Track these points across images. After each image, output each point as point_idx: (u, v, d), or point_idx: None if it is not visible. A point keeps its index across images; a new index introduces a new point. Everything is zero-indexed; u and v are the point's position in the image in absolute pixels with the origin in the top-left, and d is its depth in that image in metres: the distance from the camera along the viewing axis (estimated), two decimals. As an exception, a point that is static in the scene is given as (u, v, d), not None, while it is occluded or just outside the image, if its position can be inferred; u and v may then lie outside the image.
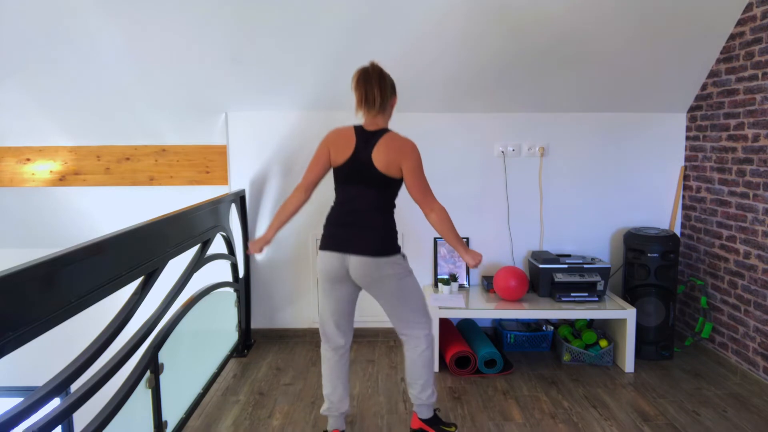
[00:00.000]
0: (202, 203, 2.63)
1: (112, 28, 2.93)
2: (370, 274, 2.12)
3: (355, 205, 2.16)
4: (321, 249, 2.20)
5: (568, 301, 3.14)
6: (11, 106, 3.34)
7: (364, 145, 2.13)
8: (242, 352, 3.33)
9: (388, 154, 2.10)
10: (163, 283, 2.12)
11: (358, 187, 2.14)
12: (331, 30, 2.95)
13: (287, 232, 3.50)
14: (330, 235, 2.18)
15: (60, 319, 1.38)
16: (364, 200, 2.15)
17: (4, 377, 4.01)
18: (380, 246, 2.12)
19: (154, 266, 1.96)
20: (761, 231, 2.80)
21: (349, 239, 2.13)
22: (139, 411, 1.95)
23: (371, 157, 2.11)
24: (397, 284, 2.15)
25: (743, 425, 2.46)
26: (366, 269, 2.11)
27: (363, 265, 2.10)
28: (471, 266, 2.26)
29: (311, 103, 3.37)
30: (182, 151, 3.59)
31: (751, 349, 2.87)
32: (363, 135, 2.15)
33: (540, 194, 3.52)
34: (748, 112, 2.89)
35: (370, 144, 2.12)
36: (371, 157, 2.11)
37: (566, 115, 3.45)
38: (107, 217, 3.74)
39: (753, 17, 2.84)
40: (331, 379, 2.28)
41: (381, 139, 2.12)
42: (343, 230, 2.16)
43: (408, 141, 2.15)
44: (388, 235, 2.16)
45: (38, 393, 1.34)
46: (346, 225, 2.16)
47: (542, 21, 2.91)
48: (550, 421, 2.51)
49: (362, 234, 2.13)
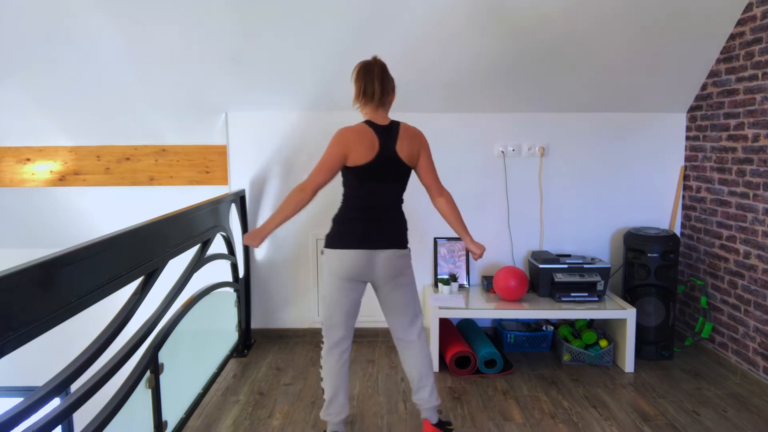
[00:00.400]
0: (202, 203, 2.63)
1: (112, 28, 2.93)
2: (398, 266, 2.16)
3: (380, 201, 2.16)
4: (343, 248, 2.12)
5: (568, 301, 3.14)
6: (11, 106, 3.34)
7: (387, 141, 2.12)
8: (242, 352, 3.33)
9: (411, 145, 2.15)
10: (163, 283, 2.12)
11: (384, 182, 2.15)
12: (331, 30, 2.95)
13: (287, 232, 3.50)
14: (354, 233, 2.12)
15: (60, 319, 1.38)
16: (389, 195, 2.18)
17: (4, 377, 4.01)
18: (404, 238, 2.21)
19: (154, 266, 1.96)
20: (761, 231, 2.80)
21: (379, 234, 2.13)
22: (139, 411, 1.95)
23: (396, 151, 2.13)
24: (411, 275, 2.24)
25: (743, 425, 2.46)
26: (396, 261, 2.15)
27: (393, 258, 2.14)
28: (476, 256, 2.27)
29: (311, 103, 3.37)
30: (182, 151, 3.59)
31: (751, 349, 2.87)
32: (381, 131, 2.13)
33: (540, 194, 3.52)
34: (748, 112, 2.89)
35: (392, 139, 2.13)
36: (396, 151, 2.13)
37: (566, 115, 3.45)
38: (107, 217, 3.74)
39: (753, 17, 2.84)
40: (333, 384, 2.21)
41: (400, 133, 2.15)
42: (370, 226, 2.14)
43: (417, 128, 2.23)
44: (406, 228, 2.25)
45: (38, 393, 1.34)
46: (373, 220, 2.14)
47: (542, 21, 2.91)
48: (550, 421, 2.51)
49: (390, 228, 2.17)
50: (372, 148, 2.10)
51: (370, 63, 2.14)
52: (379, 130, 2.13)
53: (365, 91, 2.12)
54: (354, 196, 2.17)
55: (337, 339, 2.21)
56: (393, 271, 2.16)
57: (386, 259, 2.13)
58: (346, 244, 2.12)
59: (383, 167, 2.12)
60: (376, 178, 2.13)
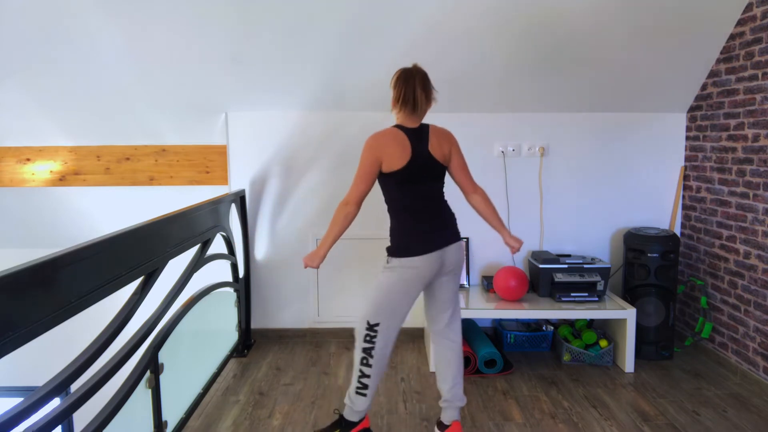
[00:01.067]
0: (202, 203, 2.63)
1: (112, 28, 2.93)
2: (460, 258, 2.26)
3: (431, 201, 2.22)
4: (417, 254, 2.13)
5: (568, 301, 3.14)
6: (11, 106, 3.34)
7: (418, 143, 2.16)
8: (242, 352, 3.33)
9: (442, 145, 2.20)
10: (163, 283, 2.12)
11: (427, 184, 2.20)
12: (331, 30, 2.94)
13: (287, 231, 3.50)
14: (424, 238, 2.16)
15: (60, 319, 1.38)
16: (436, 193, 2.24)
17: (4, 377, 4.01)
18: (458, 230, 2.30)
19: (154, 266, 1.96)
20: (761, 231, 2.80)
21: (444, 232, 2.21)
22: (139, 411, 1.95)
23: (430, 152, 2.17)
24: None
25: (743, 425, 2.46)
26: (460, 253, 2.26)
27: (458, 250, 2.24)
28: (515, 250, 2.33)
29: (311, 103, 3.37)
30: (182, 151, 3.59)
31: (751, 349, 2.87)
32: (413, 133, 2.16)
33: (540, 194, 3.52)
34: (748, 112, 2.89)
35: (423, 140, 2.17)
36: (429, 152, 2.16)
37: (566, 115, 3.45)
38: (107, 217, 3.74)
39: (753, 17, 2.84)
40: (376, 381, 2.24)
41: (430, 134, 2.19)
42: (434, 226, 2.20)
43: (445, 128, 2.27)
44: (456, 219, 2.32)
45: (38, 393, 1.34)
46: (434, 220, 2.21)
47: (542, 21, 2.90)
48: (550, 421, 2.51)
49: (449, 223, 2.25)
50: (405, 151, 2.13)
51: (410, 70, 2.17)
52: (410, 133, 2.16)
53: (405, 98, 2.14)
54: (403, 203, 2.19)
55: (393, 337, 2.23)
56: (457, 263, 2.26)
57: (453, 254, 2.22)
58: (420, 251, 2.14)
59: (420, 169, 2.16)
60: (416, 181, 2.17)
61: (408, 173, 2.14)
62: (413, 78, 2.14)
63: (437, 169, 2.20)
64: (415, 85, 2.13)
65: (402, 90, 2.14)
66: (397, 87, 2.16)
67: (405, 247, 2.17)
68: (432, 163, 2.17)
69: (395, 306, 2.19)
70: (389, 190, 2.21)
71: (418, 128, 2.18)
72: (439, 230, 2.20)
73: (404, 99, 2.14)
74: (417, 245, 2.15)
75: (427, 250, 2.15)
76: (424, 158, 2.15)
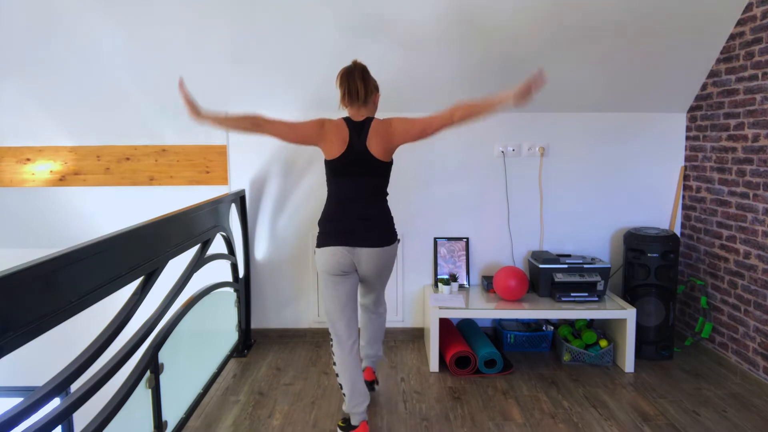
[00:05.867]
0: (202, 203, 2.63)
1: (112, 28, 2.93)
2: (381, 265, 2.22)
3: (357, 197, 2.20)
4: (324, 246, 2.20)
5: (568, 301, 3.14)
6: (11, 106, 3.34)
7: (357, 136, 2.18)
8: (242, 352, 3.33)
9: (381, 140, 2.18)
10: (163, 283, 2.12)
11: (357, 178, 2.19)
12: (331, 30, 2.95)
13: (287, 231, 3.50)
14: (334, 231, 2.19)
15: (60, 318, 1.38)
16: (364, 191, 2.21)
17: (4, 377, 4.01)
18: (387, 236, 2.23)
19: (154, 266, 1.96)
20: (761, 231, 2.80)
21: (357, 232, 2.18)
22: (139, 411, 1.95)
23: (367, 147, 2.17)
24: (391, 268, 2.33)
25: (743, 425, 2.46)
26: (377, 260, 2.20)
27: (374, 257, 2.19)
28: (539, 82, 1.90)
29: (311, 103, 3.37)
30: (182, 151, 3.59)
31: (751, 349, 2.87)
32: (354, 126, 2.21)
33: (540, 194, 3.52)
34: (748, 112, 2.89)
35: (363, 134, 2.18)
36: (366, 146, 2.17)
37: (566, 115, 3.45)
38: (107, 217, 3.73)
39: (753, 17, 2.84)
40: (350, 376, 2.27)
41: (371, 128, 2.19)
42: (347, 224, 2.18)
43: (388, 118, 2.23)
44: (391, 223, 2.27)
45: (38, 393, 1.34)
46: (351, 217, 2.19)
47: (542, 21, 2.91)
48: (550, 421, 2.51)
49: (369, 226, 2.19)
50: (342, 143, 2.18)
51: (350, 67, 2.25)
52: (352, 125, 2.20)
53: (349, 92, 2.20)
54: (332, 193, 2.26)
55: (341, 332, 2.27)
56: (375, 269, 2.24)
57: (368, 257, 2.19)
58: (326, 242, 2.20)
59: (354, 162, 2.18)
60: (349, 174, 2.19)
61: (338, 164, 2.18)
62: (353, 73, 2.21)
63: (375, 165, 2.19)
64: (355, 79, 2.20)
65: (345, 86, 2.21)
66: (341, 84, 2.23)
67: (318, 236, 2.25)
68: (365, 158, 2.17)
69: (328, 299, 2.27)
70: (327, 178, 2.28)
71: (362, 122, 2.21)
72: (356, 227, 2.18)
73: (348, 94, 2.20)
74: (326, 235, 2.21)
75: (332, 243, 2.17)
76: (357, 153, 2.17)
